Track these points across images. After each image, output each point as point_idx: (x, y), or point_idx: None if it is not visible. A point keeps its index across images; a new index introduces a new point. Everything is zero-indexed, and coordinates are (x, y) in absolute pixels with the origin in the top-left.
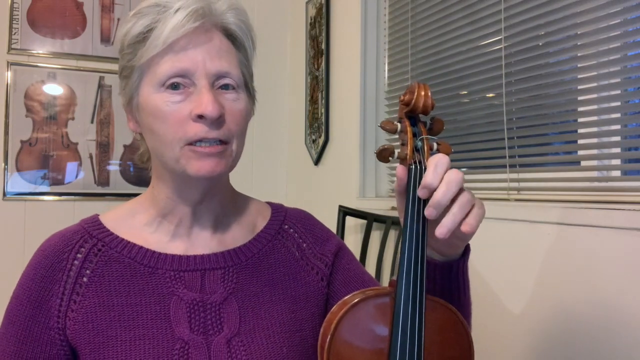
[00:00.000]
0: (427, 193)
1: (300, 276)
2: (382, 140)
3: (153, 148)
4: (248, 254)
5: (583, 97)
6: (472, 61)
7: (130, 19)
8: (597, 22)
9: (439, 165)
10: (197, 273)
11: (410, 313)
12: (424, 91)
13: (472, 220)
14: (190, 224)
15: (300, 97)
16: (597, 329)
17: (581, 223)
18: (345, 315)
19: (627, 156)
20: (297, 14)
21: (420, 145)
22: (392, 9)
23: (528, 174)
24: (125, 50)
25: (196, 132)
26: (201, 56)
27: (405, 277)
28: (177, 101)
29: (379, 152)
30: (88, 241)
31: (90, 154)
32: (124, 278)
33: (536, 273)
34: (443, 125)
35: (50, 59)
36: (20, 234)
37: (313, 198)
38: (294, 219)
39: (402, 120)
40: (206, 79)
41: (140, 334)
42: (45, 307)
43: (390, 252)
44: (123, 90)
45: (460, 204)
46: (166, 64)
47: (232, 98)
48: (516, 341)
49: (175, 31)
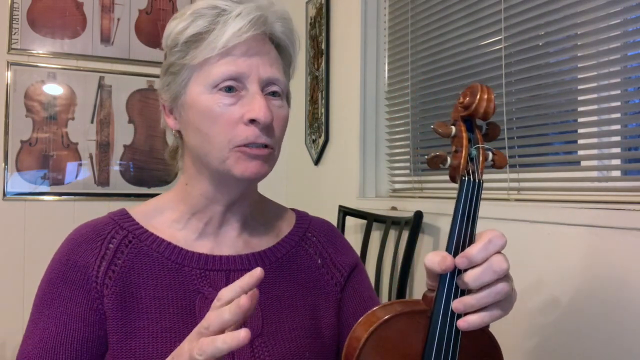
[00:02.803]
0: (466, 264)
1: (321, 284)
2: (382, 140)
3: (196, 147)
4: (272, 257)
5: (583, 97)
6: (472, 61)
7: (186, 18)
8: (597, 22)
9: (492, 244)
10: (222, 273)
11: (446, 334)
12: (487, 95)
13: (477, 319)
14: (219, 224)
15: (300, 97)
16: (596, 329)
17: (581, 223)
18: (376, 330)
19: (627, 156)
20: (297, 14)
21: (474, 154)
22: (392, 9)
23: (528, 174)
24: (177, 47)
25: (247, 136)
26: (256, 62)
27: (445, 295)
28: (229, 104)
29: (431, 159)
30: (119, 232)
31: (90, 154)
32: (152, 272)
33: (536, 273)
34: (500, 131)
35: (50, 59)
36: (20, 234)
37: (313, 198)
38: (318, 228)
39: (457, 123)
40: (258, 84)
41: (166, 327)
42: (85, 289)
43: (390, 252)
44: (167, 86)
45: (490, 292)
46: (223, 66)
47: (278, 105)
48: (516, 341)
49: (236, 37)
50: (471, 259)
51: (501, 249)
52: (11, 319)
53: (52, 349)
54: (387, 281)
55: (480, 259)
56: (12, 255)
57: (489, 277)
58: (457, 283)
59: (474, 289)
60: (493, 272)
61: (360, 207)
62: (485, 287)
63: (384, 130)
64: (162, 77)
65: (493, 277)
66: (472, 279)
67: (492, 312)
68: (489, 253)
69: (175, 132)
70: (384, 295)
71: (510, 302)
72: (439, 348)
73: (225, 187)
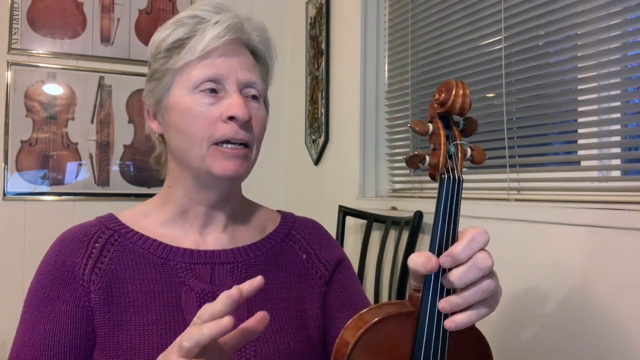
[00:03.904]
0: (451, 263)
1: (305, 278)
2: (382, 140)
3: (178, 147)
4: (257, 252)
5: (583, 97)
6: (472, 61)
7: (169, 27)
8: (597, 22)
9: (475, 241)
10: (207, 266)
11: (434, 335)
12: (463, 90)
13: (464, 318)
14: (204, 224)
15: (300, 97)
16: (596, 329)
17: (581, 223)
18: (364, 334)
19: (627, 156)
20: (297, 14)
21: (453, 150)
22: (392, 9)
23: (528, 174)
24: (160, 54)
25: (225, 132)
26: (234, 65)
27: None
28: (209, 103)
29: (409, 159)
30: (105, 232)
31: (90, 154)
32: (138, 267)
33: (536, 273)
34: (477, 126)
35: (50, 59)
36: (20, 234)
37: (313, 198)
38: (303, 226)
39: (433, 120)
40: (236, 85)
41: (153, 319)
42: (72, 287)
43: (390, 252)
44: (151, 92)
45: (476, 290)
46: (202, 69)
47: (256, 106)
48: (516, 341)
49: (214, 40)
50: (455, 258)
51: (484, 246)
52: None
53: (42, 347)
54: (387, 281)
55: (465, 257)
56: (12, 255)
57: (474, 275)
58: (443, 282)
59: (460, 287)
60: (478, 270)
61: (360, 207)
62: (471, 285)
63: (384, 130)
64: (147, 84)
65: (478, 274)
66: (457, 278)
67: (479, 310)
68: (473, 250)
69: (159, 135)
70: (384, 295)
71: (496, 299)
72: (427, 349)
73: (207, 187)
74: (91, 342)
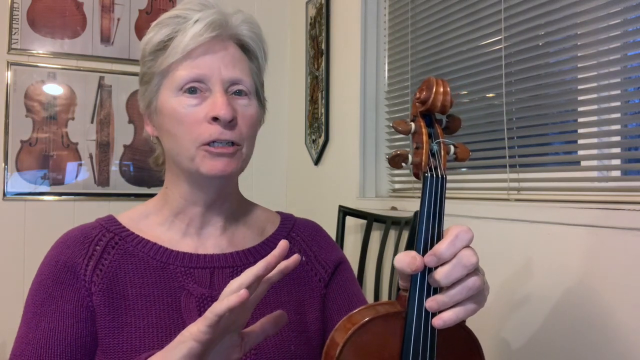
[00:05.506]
0: (435, 262)
1: (305, 281)
2: (382, 140)
3: (169, 149)
4: (257, 255)
5: (583, 97)
6: (472, 61)
7: (152, 29)
8: (597, 22)
9: (459, 239)
10: (206, 270)
11: (422, 334)
12: (443, 88)
13: (452, 315)
14: (201, 224)
15: (300, 97)
16: (596, 328)
17: (581, 223)
18: (352, 335)
19: (627, 156)
20: (297, 14)
21: (436, 149)
22: (392, 9)
23: (528, 174)
24: (146, 57)
25: (210, 134)
26: (217, 64)
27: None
28: (193, 104)
29: (391, 158)
30: (106, 235)
31: (90, 154)
32: (138, 270)
33: (536, 273)
34: (460, 123)
35: (50, 59)
36: (20, 234)
37: (313, 198)
38: (302, 228)
39: (416, 119)
40: (221, 84)
41: (152, 322)
42: (75, 287)
43: (390, 252)
44: (142, 95)
45: (462, 288)
46: (185, 69)
47: (244, 103)
48: (516, 341)
49: (194, 40)
50: (439, 256)
51: (469, 243)
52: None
53: (46, 345)
54: (387, 281)
55: (449, 255)
56: (12, 255)
57: (459, 273)
58: (429, 281)
59: (446, 285)
60: (463, 267)
61: (360, 207)
62: (457, 283)
63: (384, 130)
64: (139, 88)
65: (463, 272)
66: (443, 276)
67: (466, 307)
68: (457, 248)
69: (154, 138)
70: (384, 295)
71: (483, 296)
72: (416, 348)
73: (200, 187)
74: (95, 343)
